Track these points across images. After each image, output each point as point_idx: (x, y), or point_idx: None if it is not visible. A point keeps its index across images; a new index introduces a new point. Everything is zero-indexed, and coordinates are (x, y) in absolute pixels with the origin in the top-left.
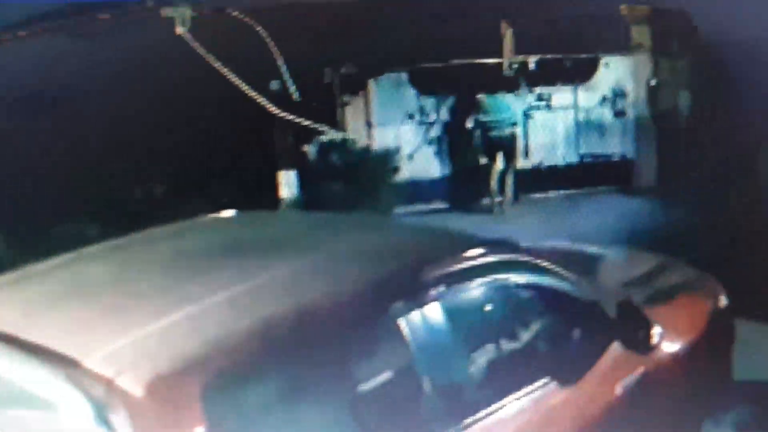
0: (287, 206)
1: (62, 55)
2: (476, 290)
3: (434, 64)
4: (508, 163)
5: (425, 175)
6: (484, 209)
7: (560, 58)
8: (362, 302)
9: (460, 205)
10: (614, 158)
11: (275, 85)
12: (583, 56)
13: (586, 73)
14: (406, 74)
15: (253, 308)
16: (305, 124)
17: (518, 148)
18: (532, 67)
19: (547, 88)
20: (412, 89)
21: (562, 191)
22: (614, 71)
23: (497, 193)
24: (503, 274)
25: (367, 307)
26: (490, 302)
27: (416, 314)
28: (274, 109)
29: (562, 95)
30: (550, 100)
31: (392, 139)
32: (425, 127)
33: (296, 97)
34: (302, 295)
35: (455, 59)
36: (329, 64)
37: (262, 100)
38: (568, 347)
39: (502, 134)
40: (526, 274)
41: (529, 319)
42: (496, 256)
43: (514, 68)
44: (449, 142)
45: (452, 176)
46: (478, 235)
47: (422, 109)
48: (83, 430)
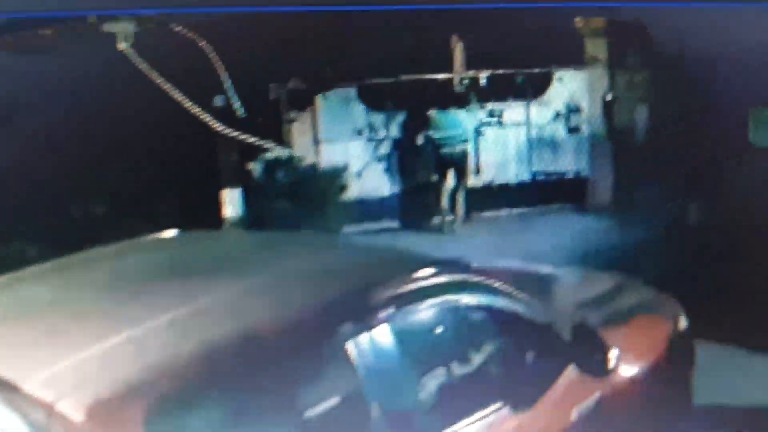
0: (231, 225)
1: (1, 70)
2: (426, 312)
3: (383, 79)
4: (459, 180)
5: (374, 193)
6: (434, 228)
7: (512, 73)
8: (309, 325)
9: (410, 223)
10: (568, 176)
11: (219, 101)
12: (535, 71)
13: (538, 88)
14: (354, 90)
15: (196, 331)
16: (250, 140)
17: (469, 165)
18: (483, 82)
19: (498, 103)
20: (360, 105)
21: (514, 209)
22: (568, 86)
23: (448, 211)
24: (454, 295)
25: (313, 329)
26: (440, 324)
27: (364, 337)
28: (218, 125)
29: (514, 111)
30: (501, 116)
31: (340, 156)
32: (374, 143)
33: (241, 113)
34: (247, 317)
35: (404, 74)
36: (275, 79)
37: (205, 116)
38: (521, 371)
39: (453, 151)
40: (477, 295)
41: (481, 341)
42: (446, 276)
43: (464, 84)
44: (399, 159)
45: (402, 194)
46: (428, 254)
47: (371, 125)
48: None
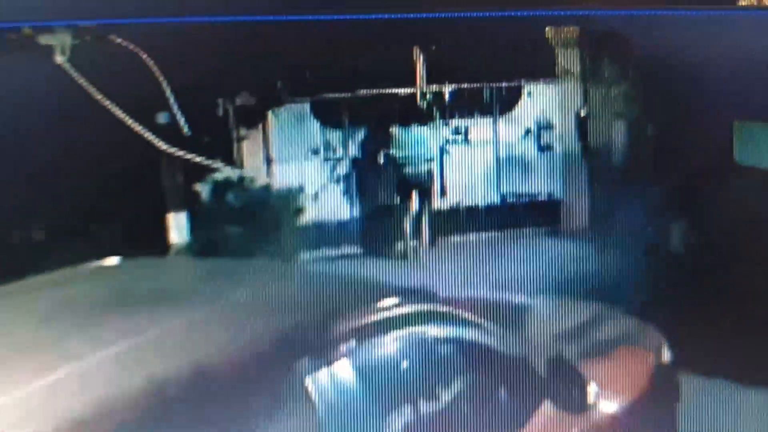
0: (178, 252)
1: None
2: (391, 345)
3: (339, 94)
4: (423, 202)
5: (332, 216)
6: (397, 254)
7: (478, 87)
8: (264, 359)
9: (371, 249)
10: (540, 198)
11: (163, 118)
12: (503, 84)
13: (506, 103)
14: (308, 105)
15: (143, 365)
16: (197, 160)
17: (434, 186)
18: (447, 97)
19: (463, 120)
20: (315, 122)
21: (483, 234)
22: (539, 101)
23: (412, 236)
24: (420, 326)
25: (269, 364)
26: (406, 358)
27: (324, 372)
28: (161, 144)
29: (480, 128)
30: (467, 133)
31: (295, 176)
32: (331, 163)
33: (186, 131)
34: (197, 351)
35: (363, 89)
36: (223, 95)
37: (148, 134)
38: (493, 408)
39: (416, 171)
40: (445, 326)
41: (450, 377)
42: (411, 306)
43: (427, 99)
44: (358, 180)
45: (362, 218)
46: (391, 283)
47: (327, 143)
48: None
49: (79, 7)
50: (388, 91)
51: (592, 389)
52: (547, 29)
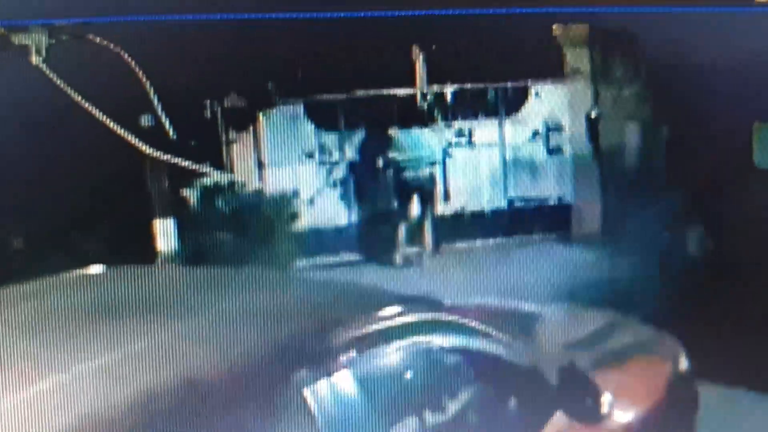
0: (165, 260)
1: None
2: (393, 355)
3: (335, 95)
4: (425, 208)
5: (330, 222)
6: (399, 261)
7: (482, 87)
8: (259, 371)
9: (371, 257)
10: (549, 202)
11: (147, 120)
12: (509, 85)
13: (513, 104)
14: (302, 107)
15: (131, 378)
16: (184, 165)
17: (437, 190)
18: (449, 98)
19: (467, 122)
20: (309, 124)
21: (490, 240)
22: (547, 101)
23: (414, 242)
24: (425, 336)
25: (265, 376)
26: (410, 369)
27: (324, 384)
28: (146, 148)
29: (485, 130)
30: (471, 135)
31: (288, 181)
32: (327, 167)
33: (172, 134)
34: (188, 363)
35: (360, 89)
36: (210, 95)
37: (131, 138)
38: (503, 419)
39: (417, 175)
40: (451, 335)
41: (457, 387)
42: (415, 315)
43: (428, 100)
44: (356, 184)
45: (362, 224)
46: (393, 291)
47: (322, 147)
48: None
49: (54, 4)
50: (386, 91)
51: (606, 399)
52: (554, 27)
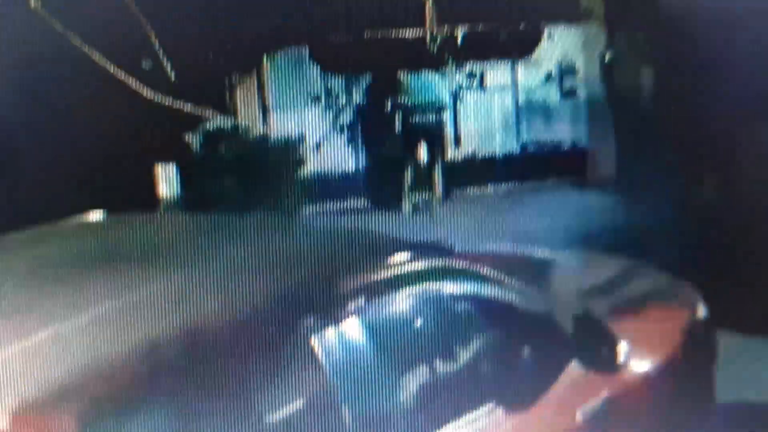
0: (167, 206)
1: None
2: (403, 303)
3: (341, 36)
4: (435, 152)
5: (337, 168)
6: (409, 207)
7: (494, 28)
8: (266, 319)
9: (380, 203)
10: (564, 146)
11: (147, 63)
12: (521, 26)
13: (526, 46)
14: (307, 49)
15: (132, 327)
16: (186, 109)
17: (447, 135)
18: (460, 40)
19: (479, 64)
20: (315, 67)
21: (502, 186)
22: (560, 44)
23: (424, 188)
24: (435, 283)
25: (272, 324)
26: (420, 317)
27: (332, 332)
28: (147, 92)
29: (497, 73)
30: (483, 78)
31: (294, 126)
32: (334, 111)
33: (173, 77)
34: (192, 311)
35: (367, 31)
36: (212, 37)
37: (132, 81)
38: (516, 368)
39: (426, 120)
40: (462, 282)
41: (468, 336)
42: (425, 262)
43: (438, 41)
44: (364, 129)
45: (370, 169)
46: (403, 237)
47: (329, 90)
48: None
49: None
50: (394, 33)
51: (622, 348)
52: None
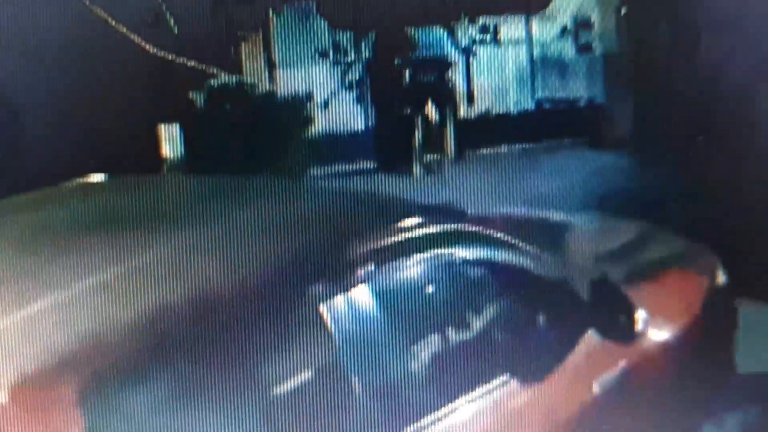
0: (171, 168)
1: None
2: (414, 268)
3: None
4: (447, 111)
5: (345, 127)
6: (419, 168)
7: None
8: (273, 285)
9: (389, 163)
10: (579, 103)
11: (150, 18)
12: None
13: None
14: (314, 3)
15: (135, 295)
16: (190, 65)
17: (459, 92)
18: None
19: (492, 18)
20: (322, 21)
21: (516, 145)
22: None
23: (436, 148)
24: (447, 248)
25: (279, 291)
26: (432, 283)
27: (341, 299)
28: (149, 47)
29: (511, 27)
30: (496, 33)
31: (301, 83)
32: (342, 67)
33: (177, 32)
34: (197, 278)
35: None
36: None
37: (134, 36)
38: (531, 337)
39: (438, 77)
40: (475, 247)
41: (481, 303)
42: (437, 226)
43: None
44: (373, 86)
45: (379, 128)
46: (413, 200)
47: (337, 45)
48: None
49: None
50: None
51: (640, 316)
52: None
